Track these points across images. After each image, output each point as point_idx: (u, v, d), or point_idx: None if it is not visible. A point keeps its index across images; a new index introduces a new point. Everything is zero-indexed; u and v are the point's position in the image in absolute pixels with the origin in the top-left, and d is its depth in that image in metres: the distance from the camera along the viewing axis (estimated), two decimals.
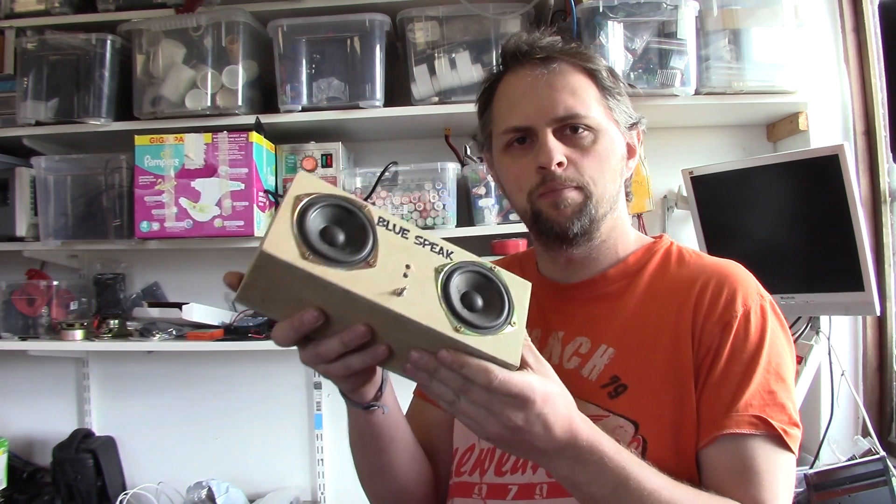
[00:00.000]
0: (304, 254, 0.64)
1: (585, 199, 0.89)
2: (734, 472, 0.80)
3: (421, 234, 0.70)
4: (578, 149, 0.89)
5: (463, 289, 0.69)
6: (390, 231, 0.69)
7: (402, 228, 0.70)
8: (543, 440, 0.68)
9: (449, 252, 0.71)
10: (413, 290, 0.66)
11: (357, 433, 0.90)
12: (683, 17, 1.80)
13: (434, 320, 0.65)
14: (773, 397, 0.82)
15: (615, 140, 0.92)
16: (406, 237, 0.70)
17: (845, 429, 1.89)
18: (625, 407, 0.85)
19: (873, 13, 1.95)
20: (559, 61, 0.91)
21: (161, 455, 2.20)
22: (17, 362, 2.19)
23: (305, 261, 0.63)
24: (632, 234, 0.99)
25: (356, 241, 0.67)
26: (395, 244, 0.69)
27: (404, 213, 1.93)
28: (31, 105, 1.93)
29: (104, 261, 2.19)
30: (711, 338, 0.85)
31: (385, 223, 0.69)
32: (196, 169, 1.84)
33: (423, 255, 0.69)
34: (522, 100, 0.91)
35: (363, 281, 0.65)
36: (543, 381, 0.68)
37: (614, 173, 0.92)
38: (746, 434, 0.80)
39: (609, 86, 0.92)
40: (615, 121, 0.93)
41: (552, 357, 0.92)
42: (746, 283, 0.89)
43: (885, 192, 1.92)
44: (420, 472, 0.97)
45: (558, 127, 0.89)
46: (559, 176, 0.88)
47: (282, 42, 1.91)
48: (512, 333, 0.68)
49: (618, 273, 0.94)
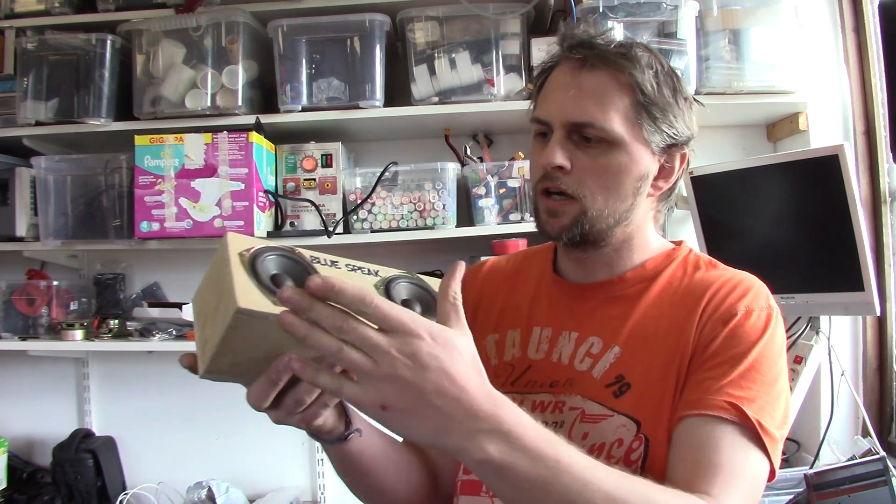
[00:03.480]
0: (273, 301, 0.63)
1: (580, 212, 0.88)
2: (693, 450, 0.76)
3: (350, 262, 0.73)
4: (587, 158, 0.87)
5: (404, 297, 0.71)
6: (325, 265, 0.71)
7: (331, 261, 0.71)
8: (450, 399, 0.58)
9: (375, 271, 0.73)
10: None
11: (338, 464, 0.88)
12: (683, 17, 1.80)
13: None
14: (755, 394, 0.79)
15: (634, 158, 0.87)
16: (339, 267, 0.72)
17: (845, 429, 1.89)
18: (627, 406, 0.85)
19: (873, 13, 1.95)
20: (601, 65, 0.87)
21: (161, 455, 2.20)
22: (17, 362, 2.19)
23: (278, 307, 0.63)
24: (654, 242, 0.97)
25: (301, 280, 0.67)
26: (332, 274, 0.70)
27: (404, 213, 1.93)
28: (31, 105, 1.93)
29: (104, 261, 2.19)
30: (710, 332, 0.84)
31: (317, 260, 0.70)
32: (196, 169, 1.84)
33: (359, 278, 0.71)
34: (552, 94, 0.90)
35: None
36: (439, 327, 0.59)
37: (625, 192, 0.88)
38: (715, 416, 0.77)
39: (650, 101, 0.86)
40: (643, 139, 0.87)
41: (562, 357, 0.92)
42: (757, 291, 0.88)
43: (885, 192, 1.92)
44: (411, 482, 0.96)
45: (571, 131, 0.87)
46: (557, 178, 0.88)
47: (282, 42, 1.91)
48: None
49: (634, 277, 0.94)
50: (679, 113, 0.90)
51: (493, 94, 1.89)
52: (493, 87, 1.88)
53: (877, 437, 1.76)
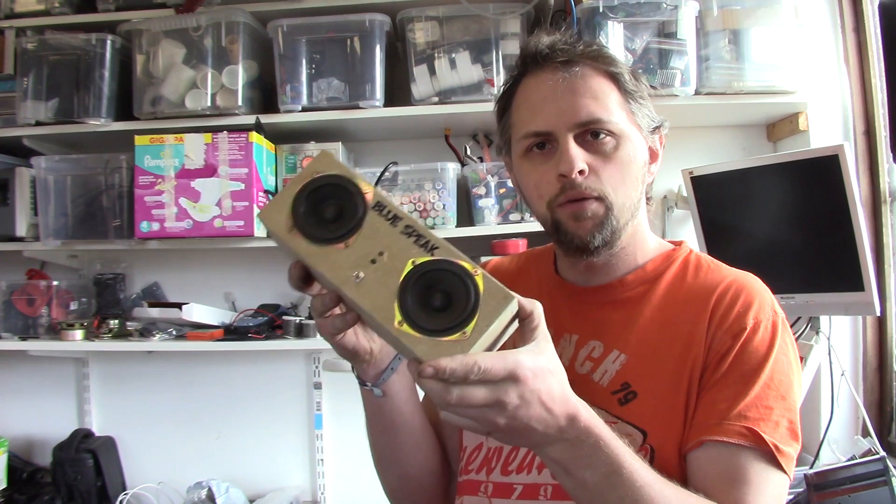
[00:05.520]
0: (289, 226, 0.71)
1: (607, 210, 0.87)
2: (723, 479, 0.79)
3: (412, 225, 0.70)
4: (600, 155, 0.87)
5: (431, 286, 0.68)
6: (381, 217, 0.70)
7: (394, 216, 0.70)
8: (543, 422, 0.66)
9: (433, 247, 0.69)
10: (374, 277, 0.69)
11: (366, 413, 0.93)
12: (683, 17, 1.80)
13: (379, 309, 0.67)
14: (770, 412, 0.80)
15: (637, 146, 0.90)
16: (395, 225, 0.70)
17: (845, 429, 1.89)
18: (634, 415, 0.85)
19: (873, 13, 1.95)
20: (581, 64, 0.88)
21: (161, 455, 2.20)
22: (17, 362, 2.19)
23: (288, 233, 0.71)
24: (651, 241, 0.97)
25: (344, 220, 0.71)
26: (379, 230, 0.70)
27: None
28: (31, 105, 1.93)
29: (104, 261, 2.19)
30: (720, 346, 0.84)
31: (380, 209, 0.70)
32: (196, 169, 1.84)
33: (404, 245, 0.69)
34: (543, 104, 0.88)
35: (329, 260, 0.70)
36: (534, 359, 0.65)
37: (636, 180, 0.89)
38: (734, 444, 0.79)
39: (631, 89, 0.90)
40: (638, 125, 0.90)
41: (563, 360, 0.92)
42: (762, 297, 0.88)
43: (885, 192, 1.92)
44: (425, 464, 0.98)
45: (580, 133, 0.86)
46: (580, 185, 0.86)
47: (282, 42, 1.91)
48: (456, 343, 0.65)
49: (635, 279, 0.93)
50: (649, 98, 0.93)
51: (493, 94, 1.89)
52: (493, 87, 1.88)
53: (877, 437, 1.76)
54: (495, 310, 0.67)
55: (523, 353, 0.65)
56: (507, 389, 0.63)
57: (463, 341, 0.65)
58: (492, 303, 0.67)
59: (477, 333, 0.66)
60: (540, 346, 0.67)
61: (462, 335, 0.65)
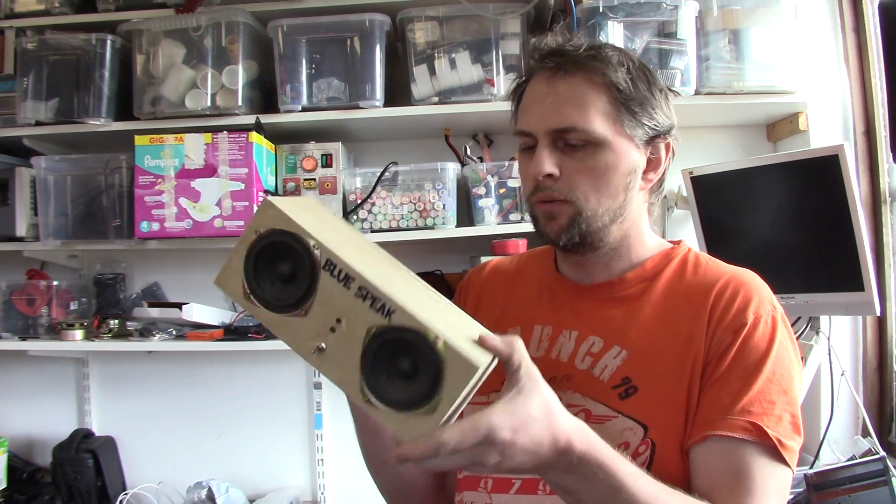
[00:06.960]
0: (245, 293, 0.70)
1: (576, 214, 0.89)
2: (726, 475, 0.80)
3: (364, 286, 0.67)
4: (574, 162, 0.89)
5: (393, 354, 0.66)
6: (334, 278, 0.68)
7: (346, 276, 0.68)
8: (531, 464, 0.69)
9: (390, 311, 0.66)
10: (335, 347, 0.67)
11: (354, 418, 0.95)
12: (683, 17, 1.80)
13: (346, 383, 0.67)
14: (773, 407, 0.81)
15: (620, 154, 0.89)
16: (349, 287, 0.67)
17: (845, 429, 1.89)
18: (634, 409, 0.86)
19: (873, 13, 1.95)
20: (574, 69, 0.89)
21: (161, 455, 2.20)
22: (17, 362, 2.19)
23: (246, 300, 0.70)
24: (650, 241, 0.98)
25: (299, 282, 0.69)
26: (334, 294, 0.68)
27: (404, 213, 1.93)
28: (31, 105, 1.93)
29: (104, 261, 2.19)
30: (721, 342, 0.85)
31: (331, 268, 0.68)
32: (196, 169, 1.84)
33: (359, 310, 0.67)
34: (532, 106, 0.92)
35: (292, 330, 0.69)
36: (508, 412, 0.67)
37: (615, 189, 0.90)
38: (738, 439, 0.80)
39: (627, 97, 0.88)
40: (626, 135, 0.89)
41: (562, 355, 0.93)
42: (760, 293, 0.89)
43: (885, 192, 1.92)
44: None
45: (556, 138, 0.89)
46: (548, 187, 0.89)
47: (282, 42, 1.91)
48: (426, 420, 0.64)
49: (635, 277, 0.94)
50: (657, 104, 0.92)
51: (493, 94, 1.89)
52: (493, 86, 1.88)
53: (877, 437, 1.76)
54: (462, 379, 0.65)
55: (497, 415, 0.66)
56: (484, 452, 0.66)
57: (429, 417, 0.64)
58: (457, 372, 0.65)
59: (445, 405, 0.64)
60: (523, 392, 0.69)
61: (429, 409, 0.64)
